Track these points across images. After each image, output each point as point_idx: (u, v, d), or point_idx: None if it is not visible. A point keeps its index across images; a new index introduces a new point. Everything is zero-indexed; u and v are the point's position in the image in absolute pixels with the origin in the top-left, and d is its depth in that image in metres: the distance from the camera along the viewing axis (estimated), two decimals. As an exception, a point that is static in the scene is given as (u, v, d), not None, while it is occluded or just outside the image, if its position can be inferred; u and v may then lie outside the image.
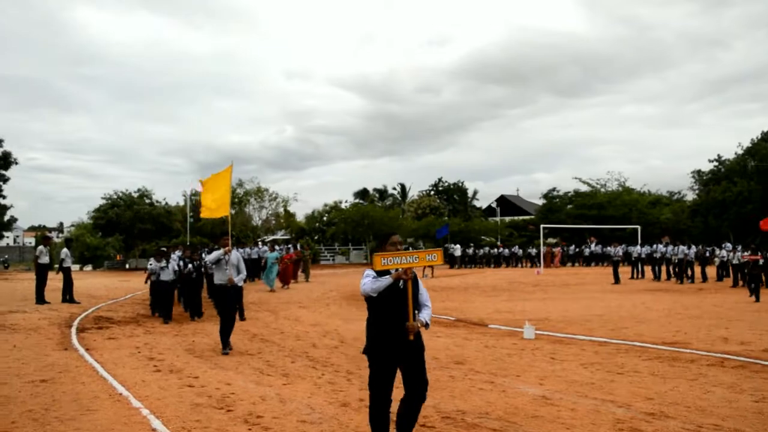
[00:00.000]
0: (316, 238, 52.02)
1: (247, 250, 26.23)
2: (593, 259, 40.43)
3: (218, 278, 10.16)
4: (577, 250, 42.94)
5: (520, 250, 44.02)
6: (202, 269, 15.56)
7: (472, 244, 45.16)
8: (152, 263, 14.82)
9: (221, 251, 10.08)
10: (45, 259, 17.30)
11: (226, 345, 9.82)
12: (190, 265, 14.76)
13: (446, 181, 71.29)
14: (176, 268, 14.58)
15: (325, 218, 53.88)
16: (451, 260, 42.35)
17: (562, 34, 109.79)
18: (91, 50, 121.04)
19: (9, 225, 44.42)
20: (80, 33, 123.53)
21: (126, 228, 40.87)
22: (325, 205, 55.33)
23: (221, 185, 11.49)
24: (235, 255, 10.25)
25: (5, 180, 44.19)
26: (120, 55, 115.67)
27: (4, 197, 43.38)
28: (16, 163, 43.84)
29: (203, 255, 15.67)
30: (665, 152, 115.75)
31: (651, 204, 51.39)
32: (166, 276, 14.19)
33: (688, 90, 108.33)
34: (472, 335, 11.57)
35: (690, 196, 54.45)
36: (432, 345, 10.26)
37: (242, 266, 10.35)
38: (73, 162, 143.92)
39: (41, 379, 7.81)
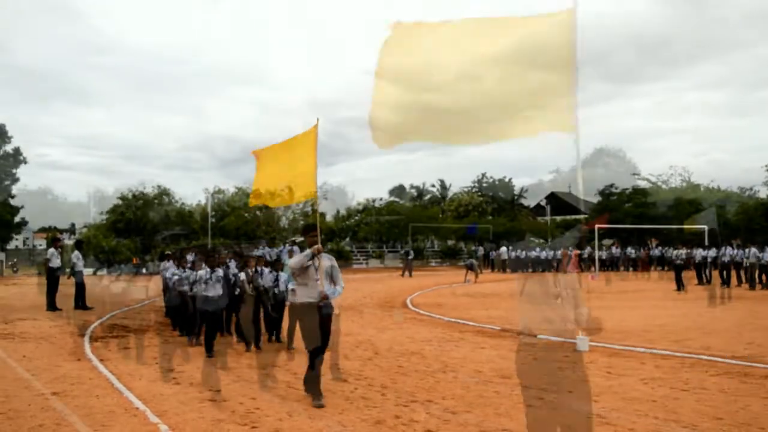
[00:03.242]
0: (347, 239, 52.14)
1: (275, 250, 26.21)
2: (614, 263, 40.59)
3: (302, 293, 7.69)
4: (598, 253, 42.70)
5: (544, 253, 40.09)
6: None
7: (521, 249, 44.69)
8: (188, 271, 12.53)
9: (308, 253, 7.55)
10: (56, 263, 17.63)
11: (317, 394, 7.45)
12: (242, 275, 12.09)
13: (491, 177, 70.89)
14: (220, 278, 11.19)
15: (356, 218, 53.91)
16: (492, 264, 42.23)
17: (615, 14, 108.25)
18: (107, 38, 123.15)
19: (19, 227, 45.39)
20: (95, 19, 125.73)
21: (149, 231, 41.54)
22: (358, 204, 55.41)
23: (304, 153, 8.51)
24: (327, 259, 7.95)
25: (15, 180, 45.36)
26: (137, 43, 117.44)
27: (13, 197, 44.46)
28: (26, 163, 45.05)
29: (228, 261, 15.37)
30: (733, 144, 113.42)
31: (719, 202, 50.42)
32: (214, 291, 10.91)
33: (758, 74, 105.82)
34: (519, 347, 11.45)
35: (763, 193, 53.35)
36: (475, 357, 10.22)
37: (338, 275, 7.96)
38: (87, 158, 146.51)
39: (52, 392, 7.97)
